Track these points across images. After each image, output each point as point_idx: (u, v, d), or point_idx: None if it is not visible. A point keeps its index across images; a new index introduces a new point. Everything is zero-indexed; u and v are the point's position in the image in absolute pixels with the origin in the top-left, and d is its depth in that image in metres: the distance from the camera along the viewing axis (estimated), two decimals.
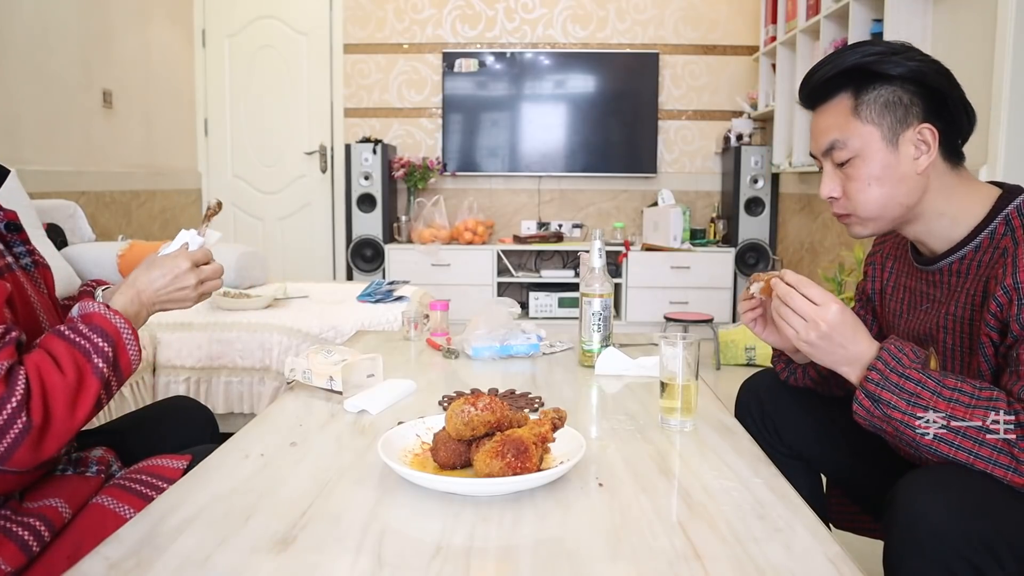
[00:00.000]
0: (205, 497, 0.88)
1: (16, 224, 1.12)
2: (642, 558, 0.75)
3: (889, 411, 0.96)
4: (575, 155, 4.89)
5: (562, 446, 0.97)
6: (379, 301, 2.87)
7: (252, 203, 5.07)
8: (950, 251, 1.11)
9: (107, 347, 0.98)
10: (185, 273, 1.16)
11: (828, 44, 3.46)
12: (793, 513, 0.85)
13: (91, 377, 0.95)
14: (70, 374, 0.93)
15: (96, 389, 0.95)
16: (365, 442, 1.07)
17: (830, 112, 1.12)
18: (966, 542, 0.85)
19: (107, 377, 0.97)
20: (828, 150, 1.12)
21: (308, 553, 0.75)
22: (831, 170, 1.14)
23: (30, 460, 0.89)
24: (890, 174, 1.08)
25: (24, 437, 0.86)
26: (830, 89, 1.11)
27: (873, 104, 1.08)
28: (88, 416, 0.94)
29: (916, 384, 0.96)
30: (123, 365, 1.00)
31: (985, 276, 1.05)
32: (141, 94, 4.18)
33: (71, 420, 0.92)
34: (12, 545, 0.91)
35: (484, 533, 0.80)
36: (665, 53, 4.86)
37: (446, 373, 1.52)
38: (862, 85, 1.08)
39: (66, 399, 0.91)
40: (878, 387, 0.97)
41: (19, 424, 0.86)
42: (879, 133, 1.08)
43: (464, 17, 4.91)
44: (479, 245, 4.67)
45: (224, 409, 2.50)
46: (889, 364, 0.98)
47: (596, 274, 1.54)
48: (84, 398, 0.93)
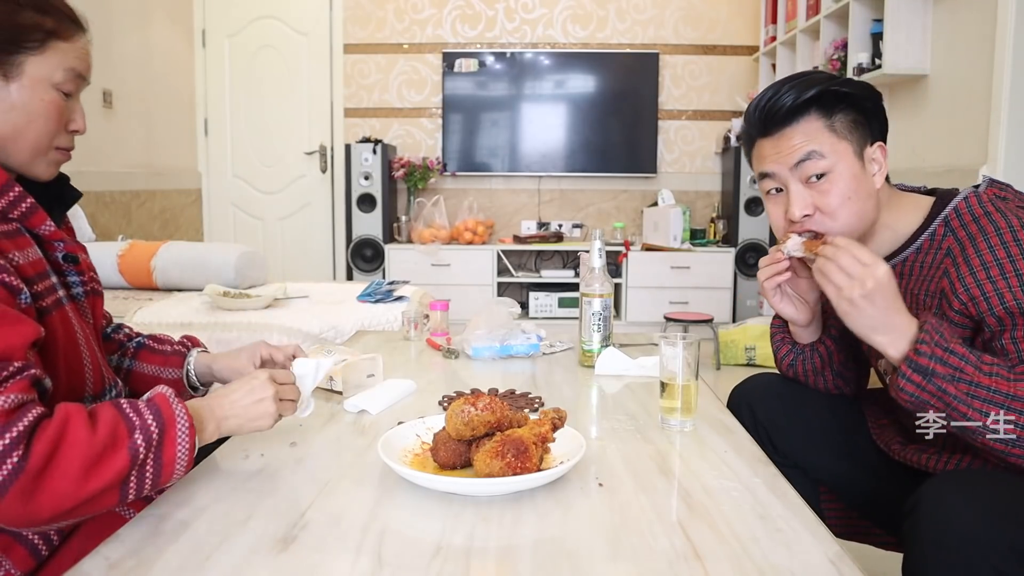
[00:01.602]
0: (205, 497, 0.88)
1: (74, 256, 1.04)
2: (642, 558, 0.75)
3: (944, 384, 0.94)
4: (575, 155, 4.89)
5: (562, 446, 0.97)
6: (379, 301, 2.87)
7: (252, 203, 5.07)
8: (889, 256, 1.15)
9: (155, 429, 0.83)
10: (262, 384, 0.97)
11: (828, 44, 3.46)
12: (793, 513, 0.85)
13: (123, 451, 0.80)
14: (101, 435, 0.79)
15: (122, 466, 0.80)
16: (365, 442, 1.07)
17: (800, 130, 1.12)
18: (995, 549, 0.81)
19: (141, 459, 0.81)
20: (800, 162, 1.11)
21: (308, 553, 0.75)
22: (800, 188, 1.12)
23: (16, 513, 0.74)
24: (861, 190, 1.11)
25: (13, 480, 0.73)
26: (797, 112, 1.12)
27: (844, 121, 1.12)
28: (100, 492, 0.78)
29: (960, 359, 0.94)
30: (165, 459, 0.84)
31: (931, 276, 1.09)
32: (141, 94, 4.18)
33: (79, 486, 0.76)
34: (23, 549, 0.91)
35: (484, 533, 0.80)
36: (665, 53, 4.86)
37: (446, 373, 1.52)
38: (831, 106, 1.11)
39: (83, 460, 0.77)
40: (932, 360, 0.94)
41: (9, 462, 0.73)
42: (852, 149, 1.11)
43: (464, 17, 4.91)
44: (479, 245, 4.67)
45: None
46: (934, 338, 0.95)
47: (596, 274, 1.54)
48: (104, 468, 0.78)
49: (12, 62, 0.85)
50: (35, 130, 0.89)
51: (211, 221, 5.04)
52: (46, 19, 0.87)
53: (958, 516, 0.84)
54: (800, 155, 1.11)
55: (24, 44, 0.85)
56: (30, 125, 0.88)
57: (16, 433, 0.74)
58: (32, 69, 0.86)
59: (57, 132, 0.93)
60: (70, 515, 0.78)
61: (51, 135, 0.92)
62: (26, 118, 0.88)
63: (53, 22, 0.88)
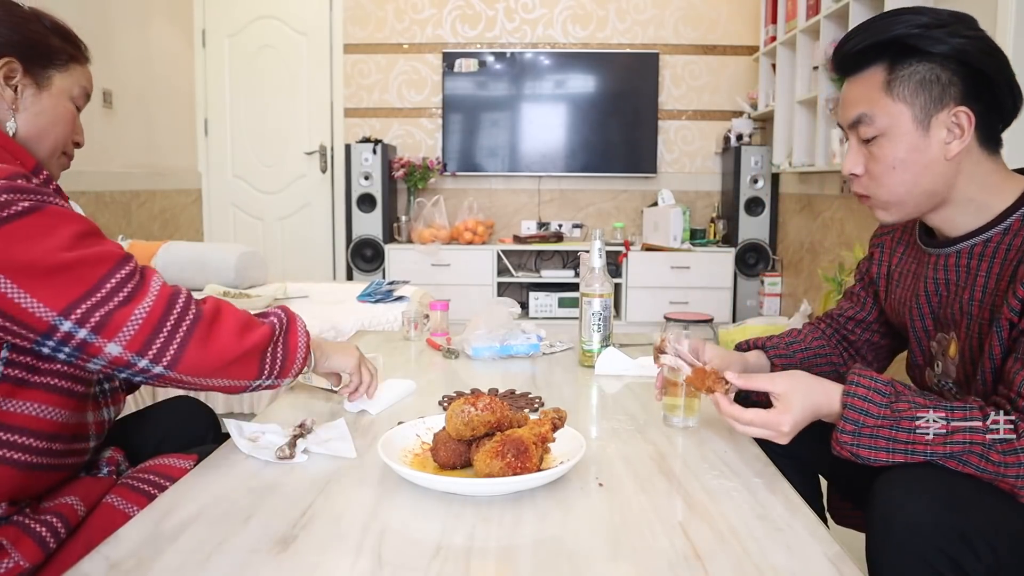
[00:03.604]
0: (205, 497, 0.88)
1: None
2: (642, 558, 0.75)
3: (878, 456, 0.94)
4: (575, 155, 4.89)
5: (562, 446, 0.97)
6: (379, 301, 2.87)
7: (252, 203, 5.07)
8: (971, 234, 1.05)
9: (284, 317, 1.07)
10: (354, 351, 1.23)
11: (828, 44, 3.45)
12: (793, 513, 0.85)
13: (265, 324, 1.02)
14: (243, 314, 1.01)
15: (268, 332, 1.01)
16: (365, 442, 1.07)
17: (860, 84, 1.04)
18: (942, 534, 0.85)
19: (277, 335, 1.03)
20: (854, 124, 1.06)
21: (308, 553, 0.75)
22: (856, 145, 1.07)
23: (199, 358, 0.93)
24: (916, 158, 1.02)
25: (195, 326, 0.92)
26: (864, 59, 1.03)
27: (907, 81, 1.00)
28: (250, 352, 0.98)
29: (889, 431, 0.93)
30: (291, 344, 1.05)
31: (1013, 260, 1.00)
32: (141, 94, 4.18)
33: (238, 340, 0.96)
34: (30, 541, 0.93)
35: (484, 533, 0.80)
36: (665, 53, 4.86)
37: (446, 373, 1.52)
38: (898, 59, 1.00)
39: (238, 321, 0.98)
40: (853, 448, 0.95)
41: (191, 312, 0.93)
42: (910, 113, 1.01)
43: (464, 17, 4.91)
44: (479, 245, 4.67)
45: (224, 409, 2.50)
46: (859, 421, 0.94)
47: (596, 274, 1.54)
48: (254, 331, 0.99)
49: (45, 75, 1.04)
50: (56, 133, 1.06)
51: (211, 221, 5.04)
52: (67, 45, 1.07)
53: (907, 504, 0.88)
54: (852, 117, 1.06)
55: (54, 62, 1.05)
56: (53, 128, 1.06)
57: (186, 294, 0.95)
58: (58, 83, 1.06)
59: (69, 139, 1.10)
60: (228, 371, 0.96)
61: (66, 140, 1.09)
62: (51, 122, 1.05)
63: (72, 48, 1.08)
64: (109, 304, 0.88)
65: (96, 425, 1.07)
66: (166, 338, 0.91)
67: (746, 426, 1.01)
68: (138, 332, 0.89)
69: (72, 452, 1.02)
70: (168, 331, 0.91)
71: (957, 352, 1.09)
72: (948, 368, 1.12)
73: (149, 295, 0.91)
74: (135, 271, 0.92)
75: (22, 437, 0.93)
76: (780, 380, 1.01)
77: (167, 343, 0.91)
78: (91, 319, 0.87)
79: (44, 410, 0.95)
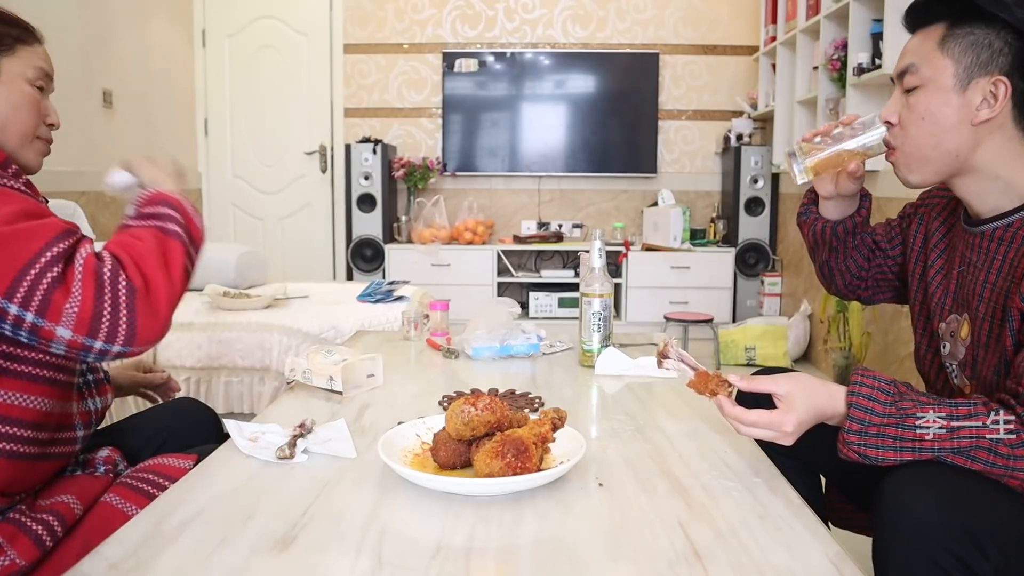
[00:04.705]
0: (205, 497, 0.88)
1: None
2: (642, 558, 0.75)
3: (884, 455, 0.94)
4: (575, 155, 4.89)
5: (562, 446, 0.97)
6: (379, 301, 2.87)
7: (252, 203, 5.07)
8: (999, 216, 1.06)
9: (175, 213, 1.02)
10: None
11: (828, 44, 3.46)
12: (793, 513, 0.85)
13: (172, 240, 0.99)
14: (149, 241, 0.97)
15: (181, 250, 0.99)
16: (365, 442, 1.07)
17: (920, 37, 1.08)
18: (950, 534, 0.85)
19: (185, 241, 1.00)
20: (902, 73, 1.09)
21: (308, 553, 0.75)
22: (898, 95, 1.10)
23: (151, 327, 0.91)
24: (946, 114, 1.04)
25: (134, 299, 0.90)
26: (930, 14, 1.07)
27: (961, 40, 1.02)
28: (184, 277, 0.98)
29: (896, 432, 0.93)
30: (194, 233, 1.03)
31: None
32: (141, 94, 4.18)
33: (169, 281, 0.95)
34: (27, 539, 0.92)
35: (484, 533, 0.80)
36: (665, 53, 4.86)
37: (446, 373, 1.52)
38: (960, 19, 1.03)
39: (156, 261, 0.95)
40: (860, 448, 0.95)
41: (122, 286, 0.90)
42: (953, 69, 1.03)
43: (464, 17, 4.91)
44: (479, 245, 4.67)
45: (224, 409, 2.50)
46: (864, 420, 0.94)
47: (596, 274, 1.54)
48: (173, 258, 0.97)
49: None
50: (19, 119, 1.03)
51: (211, 221, 5.03)
52: (11, 28, 1.04)
53: (914, 504, 0.88)
54: (902, 67, 1.09)
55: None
56: (14, 115, 1.03)
57: (110, 266, 0.90)
58: (7, 68, 1.02)
59: (37, 123, 1.07)
60: (178, 301, 0.97)
61: (34, 125, 1.06)
62: (9, 109, 1.02)
63: (17, 30, 1.04)
64: (43, 282, 0.86)
65: (82, 415, 1.07)
66: (111, 318, 0.89)
67: (750, 427, 1.01)
68: (79, 315, 0.87)
69: (59, 441, 1.02)
70: (110, 311, 0.89)
71: (969, 334, 1.09)
72: (956, 350, 1.12)
73: (76, 274, 0.88)
74: (71, 246, 0.90)
75: (5, 426, 0.94)
76: (783, 381, 1.01)
77: (114, 323, 0.89)
78: (32, 301, 0.85)
79: (26, 399, 0.95)
